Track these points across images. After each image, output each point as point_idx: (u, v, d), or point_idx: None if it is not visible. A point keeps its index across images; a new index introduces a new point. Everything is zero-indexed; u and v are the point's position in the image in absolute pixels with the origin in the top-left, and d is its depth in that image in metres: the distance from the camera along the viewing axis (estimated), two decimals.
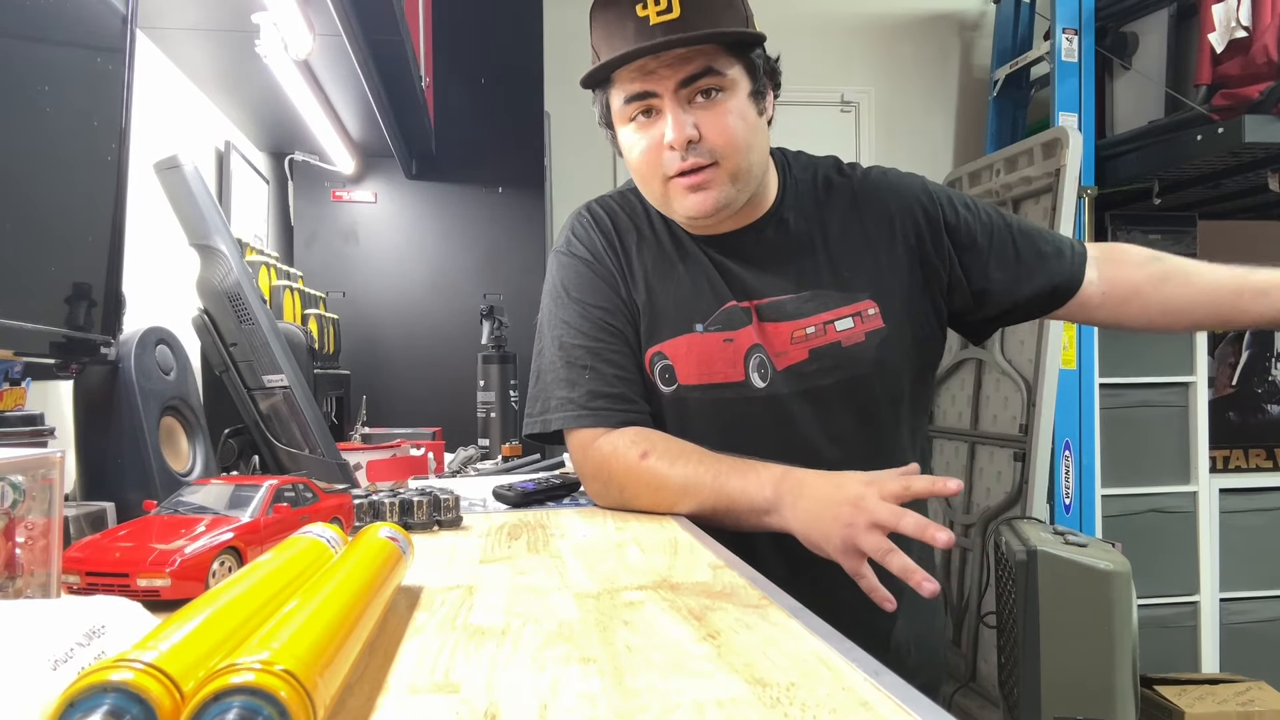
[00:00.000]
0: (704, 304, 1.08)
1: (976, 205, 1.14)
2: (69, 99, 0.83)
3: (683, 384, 1.07)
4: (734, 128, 1.00)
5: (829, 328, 1.06)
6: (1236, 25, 2.47)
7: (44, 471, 0.53)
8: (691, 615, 0.58)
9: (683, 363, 1.07)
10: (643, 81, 1.00)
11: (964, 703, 2.73)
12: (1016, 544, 1.96)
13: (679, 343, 1.08)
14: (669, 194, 1.04)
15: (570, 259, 1.13)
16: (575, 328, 1.08)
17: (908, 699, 0.42)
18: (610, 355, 1.07)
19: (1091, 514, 2.82)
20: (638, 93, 1.01)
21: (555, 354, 1.09)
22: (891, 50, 3.46)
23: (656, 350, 1.09)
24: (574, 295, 1.10)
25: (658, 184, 1.04)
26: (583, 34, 1.08)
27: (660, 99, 1.00)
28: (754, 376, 1.06)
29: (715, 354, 1.06)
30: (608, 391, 1.05)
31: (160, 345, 0.94)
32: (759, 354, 1.06)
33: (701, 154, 1.00)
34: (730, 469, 0.95)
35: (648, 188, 1.06)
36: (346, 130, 2.20)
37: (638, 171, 1.06)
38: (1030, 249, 1.11)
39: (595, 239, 1.13)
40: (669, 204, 1.05)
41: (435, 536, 0.89)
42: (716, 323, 1.07)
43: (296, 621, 0.38)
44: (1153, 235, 3.05)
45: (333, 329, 1.92)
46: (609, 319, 1.08)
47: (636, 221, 1.14)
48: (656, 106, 1.01)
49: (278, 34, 1.45)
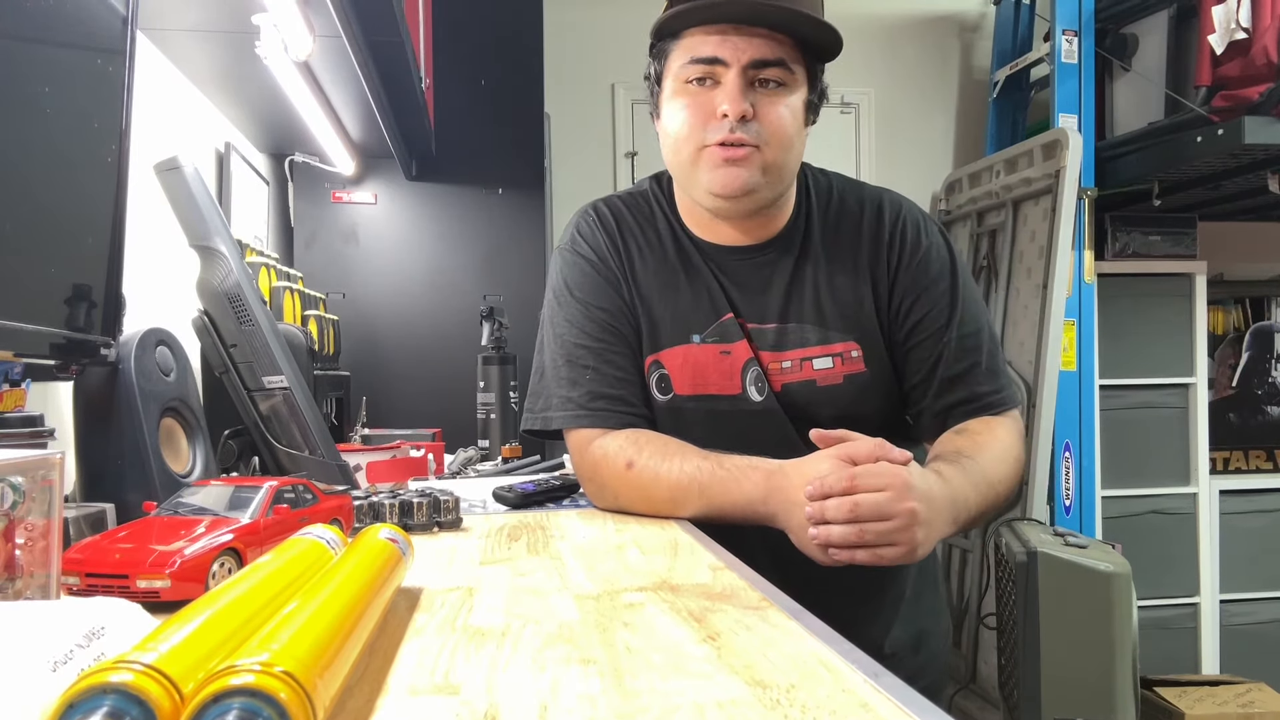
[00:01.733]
0: (702, 316, 1.07)
1: (976, 312, 1.07)
2: (69, 100, 0.83)
3: (678, 394, 1.07)
4: (786, 120, 1.00)
5: (805, 365, 1.05)
6: (1236, 27, 2.47)
7: (44, 473, 0.53)
8: (691, 617, 0.58)
9: (679, 373, 1.07)
10: (717, 46, 0.97)
11: (964, 704, 2.73)
12: (1017, 545, 1.96)
13: (676, 353, 1.07)
14: (700, 162, 1.01)
15: (575, 257, 1.11)
16: (578, 327, 1.07)
17: (907, 700, 0.42)
18: (612, 356, 1.06)
19: (1091, 515, 2.82)
20: (709, 56, 0.98)
21: (557, 352, 1.08)
22: (891, 52, 3.45)
23: (654, 359, 1.08)
24: (577, 295, 1.09)
25: (691, 149, 1.01)
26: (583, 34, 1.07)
27: (727, 70, 0.98)
28: (751, 390, 1.06)
29: (711, 366, 1.06)
30: (608, 393, 1.05)
31: (160, 346, 0.94)
32: (755, 368, 1.05)
33: (749, 133, 0.98)
34: (714, 479, 0.94)
35: (679, 153, 1.03)
36: (346, 131, 2.20)
37: (675, 134, 1.02)
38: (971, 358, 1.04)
39: (600, 239, 1.11)
40: (696, 173, 1.01)
41: (435, 538, 0.89)
42: (713, 335, 1.06)
43: (296, 623, 0.38)
44: (1153, 236, 3.05)
45: (333, 330, 1.92)
46: (612, 320, 1.07)
47: (644, 225, 1.12)
48: (717, 77, 0.98)
49: (278, 35, 1.45)
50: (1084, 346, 2.81)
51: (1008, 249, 2.86)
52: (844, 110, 3.48)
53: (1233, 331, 3.24)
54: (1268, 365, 3.21)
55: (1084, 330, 2.81)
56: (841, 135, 3.48)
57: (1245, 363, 3.20)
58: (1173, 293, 3.06)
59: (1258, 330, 3.23)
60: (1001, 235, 2.92)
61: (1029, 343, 2.67)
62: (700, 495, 0.95)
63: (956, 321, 1.04)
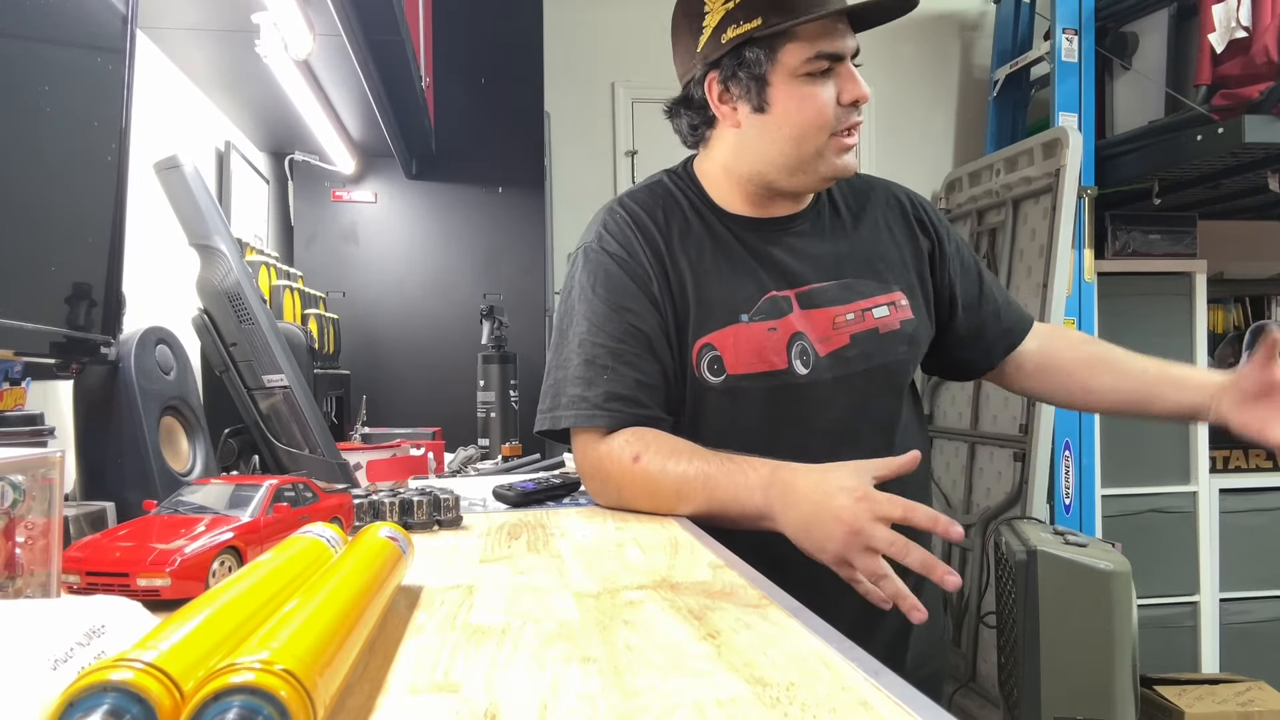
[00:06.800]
0: (748, 294, 1.09)
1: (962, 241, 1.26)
2: (69, 99, 0.83)
3: (731, 374, 1.07)
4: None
5: (868, 314, 1.10)
6: (1236, 25, 2.47)
7: (44, 471, 0.53)
8: (691, 615, 0.58)
9: (731, 352, 1.07)
10: (832, 41, 1.04)
11: (964, 703, 2.73)
12: (1016, 544, 1.97)
13: (726, 333, 1.07)
14: (827, 150, 1.07)
15: (601, 255, 1.10)
16: (600, 327, 1.06)
17: (907, 698, 0.42)
18: (631, 359, 1.05)
19: (1091, 514, 2.82)
20: (830, 52, 1.04)
21: (575, 351, 1.07)
22: (891, 50, 3.46)
23: (705, 341, 1.07)
24: (601, 294, 1.08)
25: (821, 138, 1.06)
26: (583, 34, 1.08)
27: (841, 60, 1.05)
28: (796, 364, 1.07)
29: (761, 342, 1.07)
30: (623, 394, 1.04)
31: (160, 345, 0.94)
32: (801, 341, 1.07)
33: (861, 115, 1.08)
34: (719, 474, 0.94)
35: (806, 142, 1.07)
36: (346, 130, 2.20)
37: (806, 124, 1.06)
38: (997, 287, 1.26)
39: (631, 236, 1.10)
40: (820, 161, 1.07)
41: (435, 536, 0.89)
42: (761, 312, 1.08)
43: (296, 621, 0.38)
44: (1153, 235, 3.05)
45: (333, 329, 1.92)
46: (635, 321, 1.06)
47: (673, 214, 1.13)
48: (834, 66, 1.05)
49: (278, 34, 1.45)
50: None
51: (1008, 248, 2.86)
52: None
53: (1233, 330, 3.24)
54: None
55: (1084, 329, 2.81)
56: None
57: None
58: (1173, 291, 3.06)
59: (1258, 329, 3.22)
60: (1001, 234, 2.92)
61: None
62: (705, 490, 0.95)
63: (982, 268, 1.24)
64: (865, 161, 3.46)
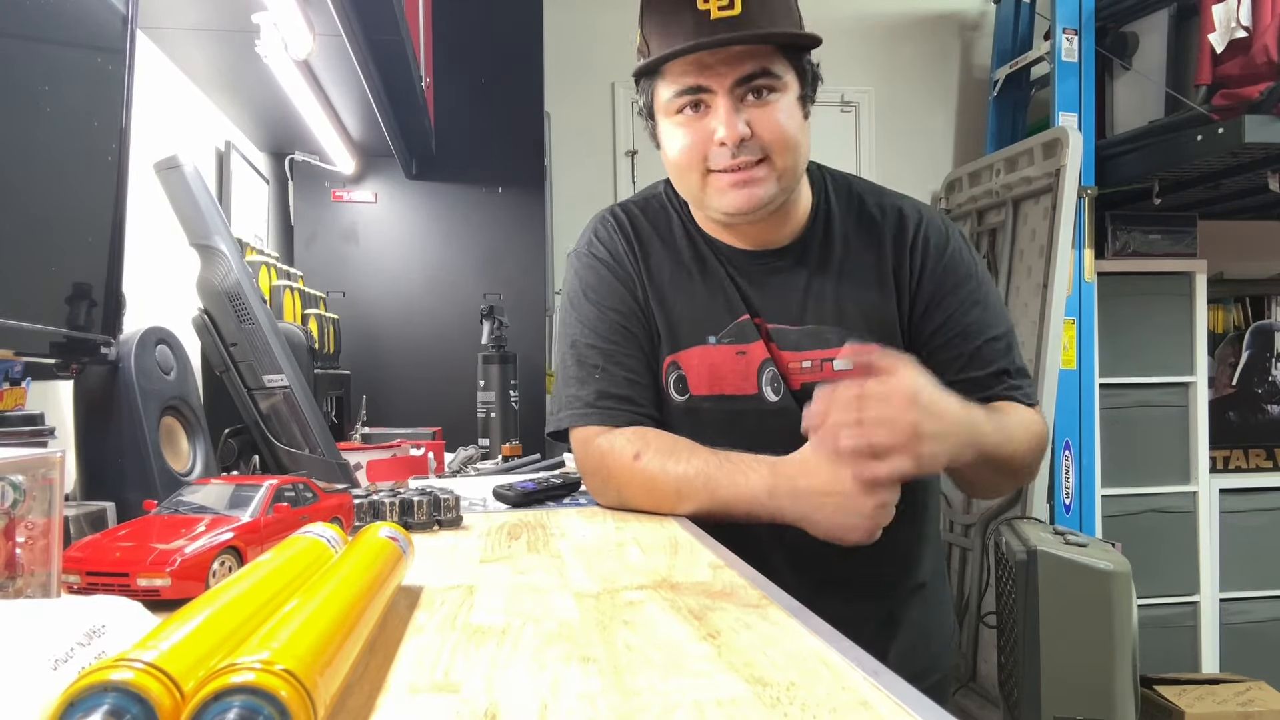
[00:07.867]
0: (718, 316, 1.08)
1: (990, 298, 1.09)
2: (69, 99, 0.83)
3: (695, 394, 1.08)
4: (786, 126, 0.99)
5: (826, 365, 1.05)
6: (1236, 25, 2.47)
7: (44, 471, 0.53)
8: (691, 615, 0.58)
9: (695, 373, 1.08)
10: (697, 76, 0.98)
11: (964, 703, 2.73)
12: (1016, 544, 1.97)
13: (692, 353, 1.08)
14: (708, 188, 1.02)
15: (591, 260, 1.13)
16: (590, 328, 1.09)
17: (907, 698, 0.42)
18: (622, 358, 1.07)
19: (1091, 514, 2.82)
20: (690, 86, 0.99)
21: (568, 353, 1.09)
22: (891, 50, 3.45)
23: (672, 359, 1.09)
24: (591, 297, 1.10)
25: (696, 177, 1.02)
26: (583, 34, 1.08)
27: (713, 95, 0.98)
28: (767, 390, 1.07)
29: (727, 366, 1.07)
30: (615, 393, 1.06)
31: (160, 345, 0.94)
32: (771, 368, 1.06)
33: (751, 151, 0.99)
34: (720, 472, 0.95)
35: (685, 180, 1.04)
36: (346, 130, 2.19)
37: (678, 164, 1.04)
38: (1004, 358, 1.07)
39: (617, 242, 1.12)
40: (705, 199, 1.04)
41: (435, 536, 0.89)
42: (729, 335, 1.07)
43: (297, 621, 0.38)
44: (1153, 235, 3.05)
45: (333, 329, 1.92)
46: (624, 322, 1.09)
47: (659, 228, 1.13)
48: (706, 101, 0.99)
49: (278, 34, 1.45)
50: (1084, 345, 2.81)
51: (1008, 248, 2.86)
52: (844, 109, 3.47)
53: (1233, 330, 3.24)
54: (1268, 364, 3.22)
55: (1084, 329, 2.81)
56: (841, 134, 3.48)
57: (1245, 361, 3.20)
58: (1173, 291, 3.06)
59: (1258, 329, 3.23)
60: (1001, 234, 2.92)
61: (1029, 341, 2.67)
62: (706, 488, 0.95)
63: (983, 326, 1.06)
64: (865, 162, 3.46)
